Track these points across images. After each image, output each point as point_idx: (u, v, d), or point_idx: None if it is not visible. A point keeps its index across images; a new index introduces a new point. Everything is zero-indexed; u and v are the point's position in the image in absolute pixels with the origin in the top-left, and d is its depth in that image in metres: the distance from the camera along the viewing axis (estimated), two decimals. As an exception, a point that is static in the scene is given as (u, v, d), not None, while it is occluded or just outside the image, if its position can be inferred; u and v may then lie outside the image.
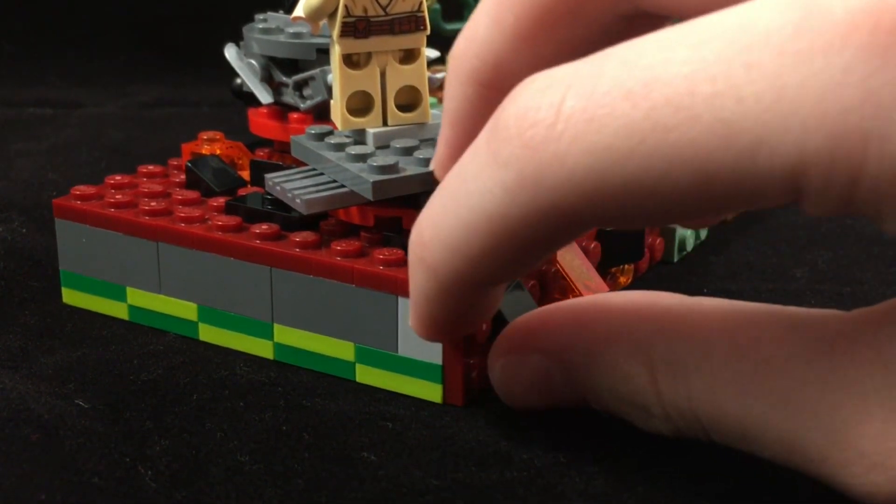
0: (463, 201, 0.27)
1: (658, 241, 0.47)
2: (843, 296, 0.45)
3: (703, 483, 0.31)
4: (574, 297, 0.39)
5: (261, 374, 0.38)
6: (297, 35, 0.45)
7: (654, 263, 0.48)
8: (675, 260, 0.49)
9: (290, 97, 0.46)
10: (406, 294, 0.35)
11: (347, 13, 0.36)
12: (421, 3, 0.37)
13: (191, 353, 0.40)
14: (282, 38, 0.45)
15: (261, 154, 0.47)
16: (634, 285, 0.46)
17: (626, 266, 0.45)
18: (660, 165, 0.22)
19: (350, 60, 0.38)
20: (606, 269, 0.43)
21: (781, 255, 0.50)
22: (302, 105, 0.45)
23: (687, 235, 0.49)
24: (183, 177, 0.44)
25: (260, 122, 0.47)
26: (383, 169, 0.36)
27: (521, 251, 0.27)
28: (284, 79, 0.46)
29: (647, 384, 0.29)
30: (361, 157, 0.37)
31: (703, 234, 0.51)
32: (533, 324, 0.33)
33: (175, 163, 0.47)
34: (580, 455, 0.33)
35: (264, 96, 0.45)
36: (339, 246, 0.37)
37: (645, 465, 0.33)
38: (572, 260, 0.40)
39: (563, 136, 0.23)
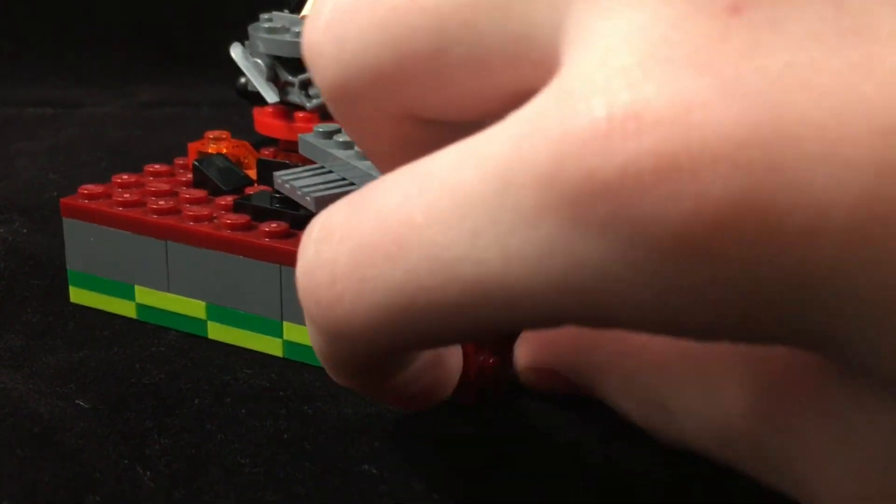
0: None
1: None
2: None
3: (711, 485, 0.32)
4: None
5: (263, 379, 0.38)
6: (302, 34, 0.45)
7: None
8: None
9: (295, 96, 0.46)
10: None
11: None
12: None
13: (193, 356, 0.40)
14: (288, 37, 0.45)
15: (266, 153, 0.48)
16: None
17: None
18: (437, 320, 0.23)
19: (359, 59, 0.38)
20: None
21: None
22: (308, 104, 0.46)
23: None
24: (189, 176, 0.45)
25: (266, 122, 0.47)
26: (392, 167, 0.36)
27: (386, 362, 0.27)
28: (290, 78, 0.46)
29: (638, 420, 0.29)
30: (370, 156, 0.37)
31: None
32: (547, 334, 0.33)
33: (181, 162, 0.47)
34: (584, 458, 0.33)
35: (270, 95, 0.46)
36: (348, 244, 0.37)
37: (649, 466, 0.33)
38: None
39: (345, 298, 0.24)
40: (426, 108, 0.26)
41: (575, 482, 0.32)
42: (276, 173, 0.39)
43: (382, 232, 0.23)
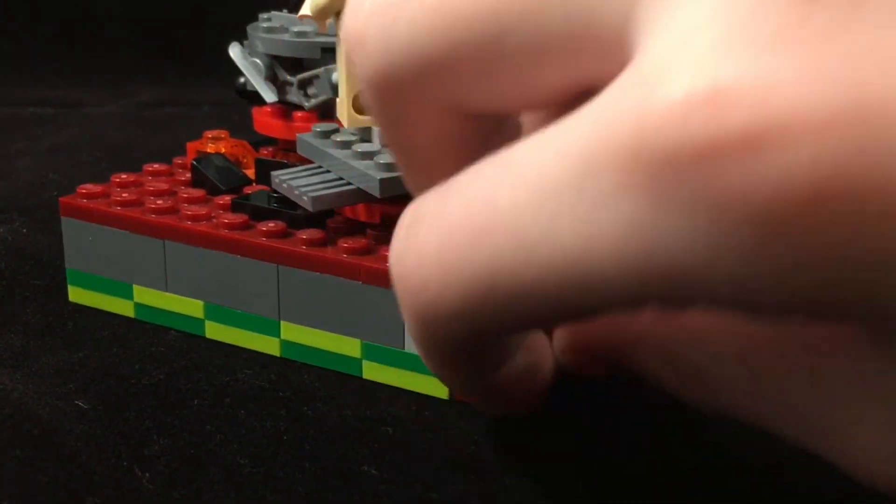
0: None
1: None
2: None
3: (711, 487, 0.32)
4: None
5: (262, 380, 0.38)
6: (301, 34, 0.45)
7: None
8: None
9: (294, 96, 0.46)
10: None
11: None
12: None
13: (193, 357, 0.40)
14: (286, 36, 0.45)
15: (265, 152, 0.48)
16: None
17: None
18: (520, 304, 0.23)
19: (356, 58, 0.38)
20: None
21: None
22: (307, 104, 0.45)
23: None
24: (188, 175, 0.45)
25: (264, 121, 0.47)
26: (390, 166, 0.36)
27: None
28: (289, 77, 0.46)
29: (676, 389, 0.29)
30: (368, 155, 0.37)
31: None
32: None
33: (180, 161, 0.47)
34: (582, 456, 0.33)
35: (269, 95, 0.46)
36: (345, 243, 0.37)
37: (649, 467, 0.33)
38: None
39: (431, 283, 0.24)
40: (474, 98, 0.25)
41: (575, 483, 0.32)
42: (274, 173, 0.39)
43: (468, 217, 0.23)
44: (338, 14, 0.37)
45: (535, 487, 0.31)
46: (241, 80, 0.48)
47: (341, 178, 0.38)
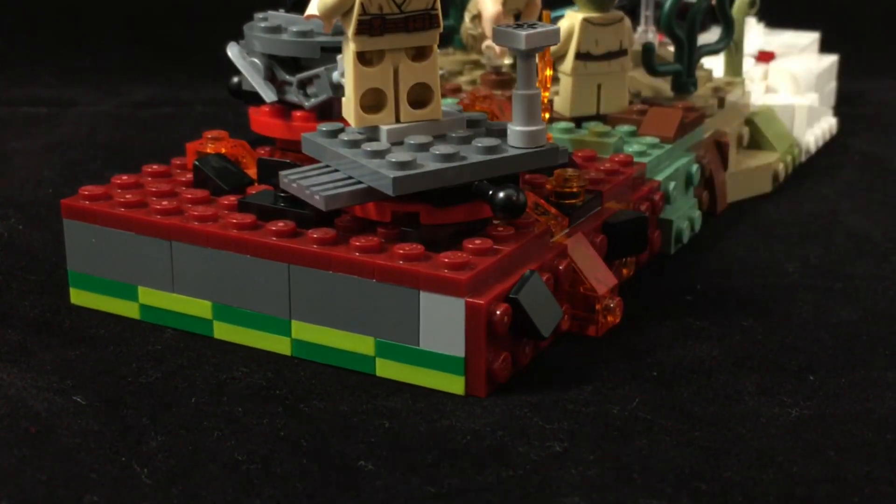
0: None
1: (656, 233, 0.48)
2: (834, 291, 0.46)
3: (710, 487, 0.32)
4: (584, 289, 0.40)
5: (260, 377, 0.38)
6: (301, 34, 0.45)
7: (653, 256, 0.49)
8: (672, 252, 0.49)
9: (293, 95, 0.46)
10: (427, 288, 0.36)
11: (363, 11, 0.37)
12: (435, 1, 0.37)
13: (190, 354, 0.40)
14: (286, 36, 0.45)
15: (262, 152, 0.48)
16: (636, 277, 0.47)
17: (629, 258, 0.46)
18: None
19: (363, 58, 0.38)
20: (612, 260, 0.44)
21: (773, 250, 0.51)
22: (306, 103, 0.46)
23: (683, 228, 0.50)
24: (188, 176, 0.44)
25: (262, 121, 0.47)
26: (403, 165, 0.36)
27: None
28: (287, 77, 0.46)
29: None
30: (379, 154, 0.37)
31: (697, 226, 0.52)
32: None
33: (179, 162, 0.47)
34: (576, 442, 0.33)
35: (268, 95, 0.46)
36: (357, 242, 0.37)
37: (642, 452, 0.33)
38: (583, 253, 0.41)
39: None
40: None
41: (572, 480, 0.32)
42: (283, 173, 0.39)
43: None
44: (345, 14, 0.37)
45: (532, 479, 0.32)
46: (236, 79, 0.48)
47: (350, 177, 0.38)
